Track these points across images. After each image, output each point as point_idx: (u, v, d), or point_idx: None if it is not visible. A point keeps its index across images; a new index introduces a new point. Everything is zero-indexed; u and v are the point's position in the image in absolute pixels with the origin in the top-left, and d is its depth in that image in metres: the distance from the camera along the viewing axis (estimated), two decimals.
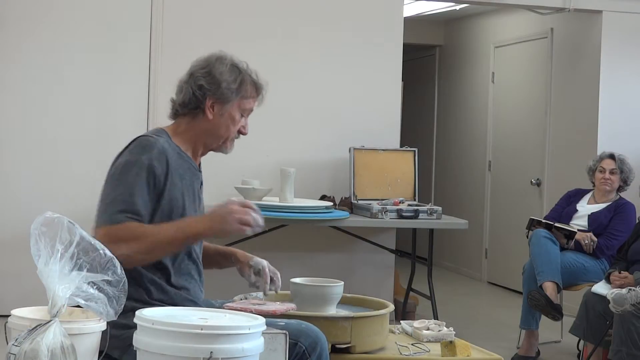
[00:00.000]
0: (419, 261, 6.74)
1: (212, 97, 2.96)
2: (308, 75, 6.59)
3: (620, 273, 5.30)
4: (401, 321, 3.67)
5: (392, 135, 6.81)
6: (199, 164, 3.06)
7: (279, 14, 6.64)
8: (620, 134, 7.26)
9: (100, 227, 2.77)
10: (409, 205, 6.29)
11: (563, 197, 6.44)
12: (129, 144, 2.95)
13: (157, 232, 2.78)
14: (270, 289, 3.05)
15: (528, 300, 5.73)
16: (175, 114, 3.05)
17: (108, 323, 2.29)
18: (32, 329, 2.14)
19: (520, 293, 6.28)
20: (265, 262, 3.11)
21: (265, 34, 6.58)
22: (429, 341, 3.40)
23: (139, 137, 2.96)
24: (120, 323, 2.43)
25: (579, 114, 7.60)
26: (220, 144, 3.03)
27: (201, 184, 3.06)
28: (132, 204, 2.78)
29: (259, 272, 3.07)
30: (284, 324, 2.81)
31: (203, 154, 3.06)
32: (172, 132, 3.02)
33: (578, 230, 6.02)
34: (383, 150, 6.58)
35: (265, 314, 2.62)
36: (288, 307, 2.98)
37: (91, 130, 6.39)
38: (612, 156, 6.16)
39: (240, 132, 3.02)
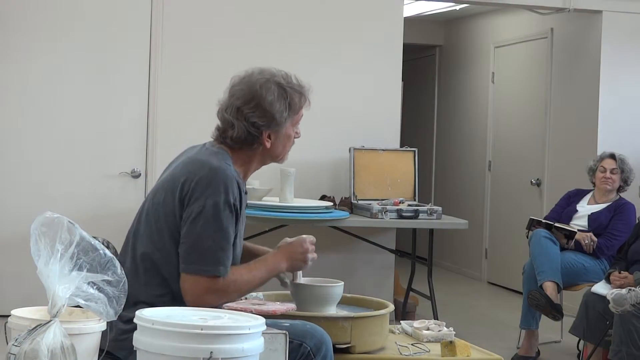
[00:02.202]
0: (419, 261, 6.74)
1: (267, 130, 2.91)
2: (308, 75, 6.55)
3: (620, 273, 5.30)
4: (401, 321, 3.67)
5: (392, 135, 6.81)
6: None
7: (279, 15, 6.64)
8: (620, 134, 7.26)
9: (198, 277, 2.74)
10: (409, 205, 6.29)
11: (563, 197, 6.44)
12: (205, 172, 2.79)
13: (252, 277, 2.87)
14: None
15: (528, 300, 5.73)
16: (225, 143, 2.93)
17: (109, 323, 2.29)
18: (32, 329, 2.14)
19: (520, 293, 6.28)
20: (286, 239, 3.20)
21: (265, 35, 6.58)
22: (429, 341, 3.40)
23: (214, 168, 2.79)
24: (129, 325, 2.43)
25: (579, 114, 7.60)
26: (278, 160, 3.04)
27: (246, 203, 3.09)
28: (228, 252, 2.78)
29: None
30: (288, 324, 2.81)
31: (256, 170, 3.04)
32: (232, 156, 2.92)
33: (578, 230, 6.02)
34: (383, 150, 6.58)
35: (265, 314, 2.62)
36: (288, 307, 2.98)
37: (91, 130, 6.38)
38: (612, 156, 6.16)
39: (295, 138, 3.04)
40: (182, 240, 2.77)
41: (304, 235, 3.07)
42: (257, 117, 2.87)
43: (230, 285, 2.78)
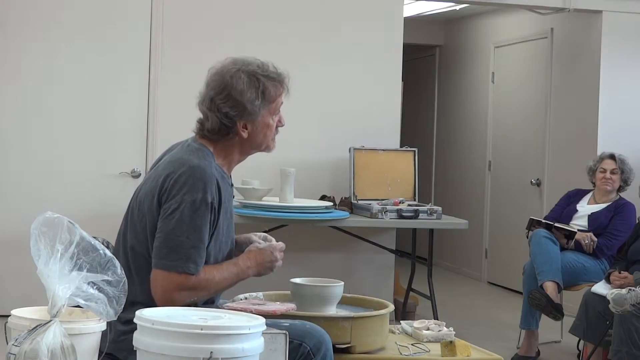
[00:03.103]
0: (419, 261, 6.74)
1: (241, 120, 2.88)
2: (308, 76, 6.59)
3: (620, 273, 5.30)
4: (401, 321, 3.67)
5: (392, 135, 6.81)
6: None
7: (279, 15, 6.64)
8: (620, 134, 7.26)
9: (169, 272, 2.74)
10: (409, 205, 6.29)
11: (563, 197, 6.44)
12: (184, 170, 2.79)
13: (223, 280, 2.84)
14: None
15: (529, 299, 5.72)
16: (204, 136, 2.92)
17: (108, 324, 2.29)
18: (32, 329, 2.14)
19: (520, 293, 6.28)
20: (261, 234, 3.20)
21: (265, 34, 6.58)
22: (429, 341, 3.40)
23: (193, 166, 2.79)
24: (127, 326, 2.44)
25: (579, 114, 7.60)
26: (263, 149, 3.00)
27: (233, 196, 3.07)
28: (201, 250, 2.77)
29: (265, 239, 3.14)
30: (288, 324, 2.81)
31: (240, 160, 3.02)
32: (213, 151, 2.91)
33: (578, 230, 6.02)
34: (383, 150, 6.58)
35: (265, 314, 2.62)
36: (288, 307, 2.98)
37: (91, 131, 6.39)
38: (612, 156, 6.16)
39: (278, 127, 2.99)
40: (156, 235, 2.78)
41: (274, 243, 3.01)
42: (228, 107, 2.86)
43: (201, 284, 2.78)
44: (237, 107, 2.87)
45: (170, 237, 2.75)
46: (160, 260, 2.75)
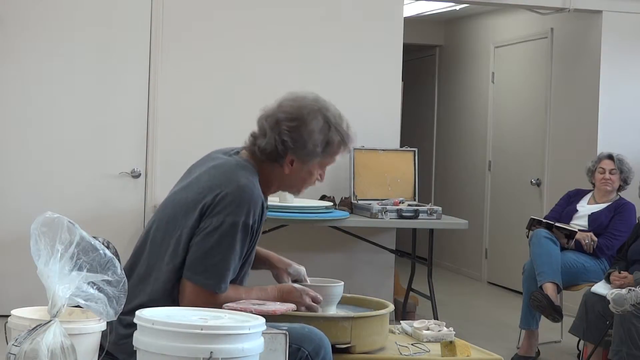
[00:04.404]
0: (419, 261, 6.74)
1: (292, 155, 2.85)
2: (308, 76, 6.58)
3: (620, 273, 5.30)
4: (401, 321, 3.67)
5: (392, 135, 6.81)
6: None
7: (279, 15, 6.64)
8: (620, 134, 7.26)
9: (201, 289, 2.76)
10: (409, 205, 6.29)
11: (563, 197, 6.44)
12: (232, 189, 2.75)
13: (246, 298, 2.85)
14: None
15: (530, 300, 5.72)
16: (253, 152, 2.89)
17: (109, 325, 2.29)
18: (32, 329, 2.14)
19: (520, 293, 6.28)
20: (303, 270, 3.19)
21: (266, 35, 6.57)
22: (429, 341, 3.39)
23: (241, 186, 2.76)
24: (129, 329, 2.43)
25: (579, 113, 7.60)
26: (292, 191, 3.00)
27: None
28: (233, 271, 2.79)
29: (296, 280, 3.16)
30: (286, 328, 2.81)
31: (273, 193, 3.01)
32: (258, 171, 2.88)
33: (578, 230, 6.01)
34: (383, 150, 6.58)
35: (265, 314, 2.62)
36: (288, 307, 2.97)
37: (91, 130, 6.39)
38: (610, 157, 6.16)
39: (315, 181, 2.96)
40: (192, 249, 2.77)
41: (310, 290, 3.01)
42: (289, 137, 2.82)
43: (224, 302, 2.77)
44: (298, 142, 2.83)
45: (207, 254, 2.75)
46: (193, 275, 2.76)
